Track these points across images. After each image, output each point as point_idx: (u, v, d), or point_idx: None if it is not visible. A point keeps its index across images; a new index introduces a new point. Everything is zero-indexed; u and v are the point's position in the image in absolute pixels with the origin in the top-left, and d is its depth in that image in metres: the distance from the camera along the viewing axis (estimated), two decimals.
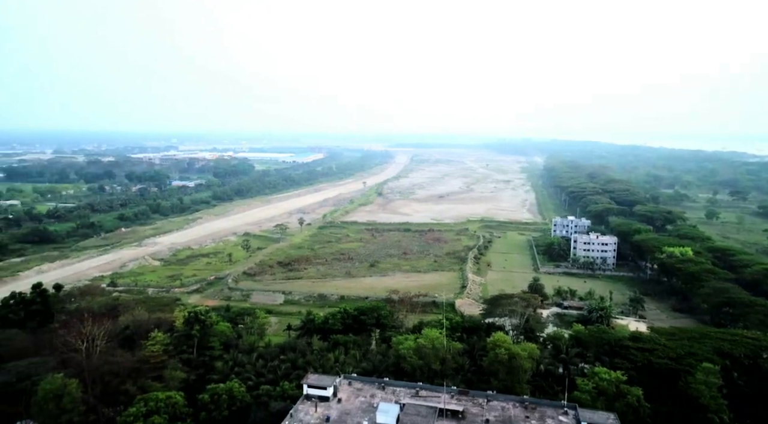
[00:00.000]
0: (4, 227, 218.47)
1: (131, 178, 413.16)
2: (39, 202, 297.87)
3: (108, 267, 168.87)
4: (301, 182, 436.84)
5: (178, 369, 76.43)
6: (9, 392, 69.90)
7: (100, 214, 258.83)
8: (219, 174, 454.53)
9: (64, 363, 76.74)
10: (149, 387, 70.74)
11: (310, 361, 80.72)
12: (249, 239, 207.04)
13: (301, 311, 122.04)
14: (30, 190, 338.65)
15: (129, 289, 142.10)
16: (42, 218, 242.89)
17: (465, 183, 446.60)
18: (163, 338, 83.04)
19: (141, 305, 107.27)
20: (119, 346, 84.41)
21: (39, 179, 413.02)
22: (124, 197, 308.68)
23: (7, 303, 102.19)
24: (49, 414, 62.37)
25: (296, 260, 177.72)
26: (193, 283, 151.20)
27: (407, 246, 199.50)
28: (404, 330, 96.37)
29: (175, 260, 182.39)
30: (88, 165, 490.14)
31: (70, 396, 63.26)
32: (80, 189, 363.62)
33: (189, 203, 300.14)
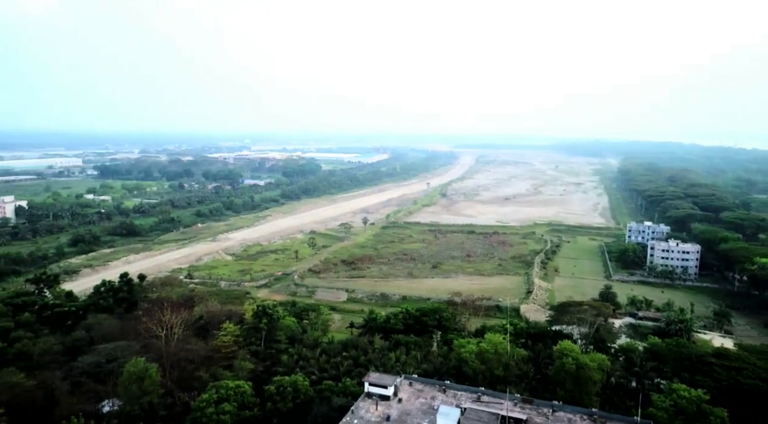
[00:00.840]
0: (97, 221, 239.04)
1: (207, 176, 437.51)
2: (127, 198, 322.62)
3: (185, 260, 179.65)
4: (365, 182, 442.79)
5: (247, 360, 79.94)
6: (99, 372, 76.20)
7: (179, 210, 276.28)
8: (288, 173, 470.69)
9: (146, 348, 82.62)
10: (220, 375, 74.51)
11: (371, 359, 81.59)
12: (315, 236, 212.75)
13: (364, 309, 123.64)
14: (119, 186, 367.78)
15: (204, 281, 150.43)
16: (129, 212, 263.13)
17: (532, 185, 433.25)
18: (233, 330, 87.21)
19: (214, 297, 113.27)
20: (194, 335, 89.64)
21: (127, 177, 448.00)
22: (200, 195, 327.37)
23: (99, 290, 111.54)
24: (132, 395, 67.28)
25: (359, 258, 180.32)
26: (261, 278, 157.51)
27: (471, 248, 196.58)
28: (466, 333, 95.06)
29: (245, 255, 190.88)
30: (170, 164, 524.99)
31: (151, 379, 67.91)
32: (162, 186, 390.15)
33: (259, 201, 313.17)
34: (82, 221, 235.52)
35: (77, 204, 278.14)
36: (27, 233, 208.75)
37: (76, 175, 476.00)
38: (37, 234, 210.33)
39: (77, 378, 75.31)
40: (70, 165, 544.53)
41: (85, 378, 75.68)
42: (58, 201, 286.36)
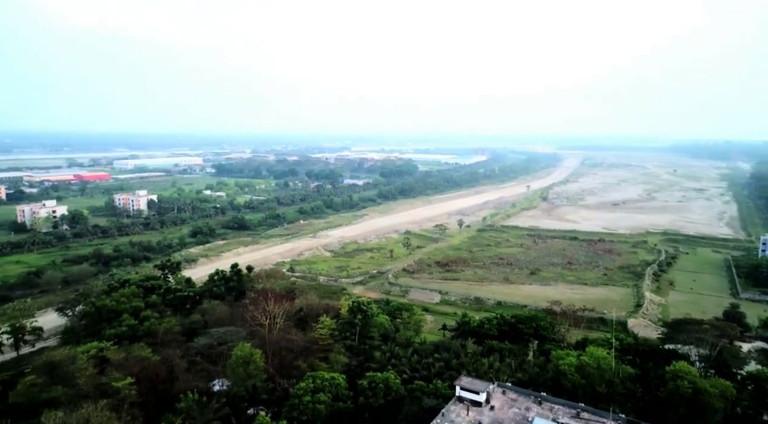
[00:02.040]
0: (213, 215, 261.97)
1: (310, 175, 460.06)
2: (239, 195, 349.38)
3: (288, 254, 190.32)
4: (462, 184, 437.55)
5: (342, 354, 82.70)
6: (211, 353, 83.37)
7: (284, 207, 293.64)
8: (385, 174, 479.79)
9: (251, 335, 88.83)
10: (317, 366, 77.88)
11: (463, 363, 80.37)
12: (410, 237, 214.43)
13: (457, 312, 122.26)
14: (233, 184, 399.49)
15: (304, 275, 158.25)
16: (240, 208, 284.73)
17: (645, 190, 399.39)
18: (330, 323, 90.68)
19: (313, 291, 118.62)
20: (294, 325, 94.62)
21: (240, 175, 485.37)
22: (303, 193, 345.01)
23: (213, 278, 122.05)
24: (239, 377, 72.69)
25: (454, 261, 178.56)
26: (357, 275, 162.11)
27: (573, 255, 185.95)
28: (565, 345, 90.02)
29: (343, 252, 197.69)
30: (277, 164, 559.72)
31: (255, 364, 72.86)
32: (270, 184, 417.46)
33: (357, 200, 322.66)
34: (200, 215, 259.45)
35: (197, 199, 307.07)
36: (156, 224, 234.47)
37: (197, 173, 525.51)
38: (164, 225, 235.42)
39: (193, 357, 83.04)
40: (193, 163, 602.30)
41: (199, 358, 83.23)
42: (181, 196, 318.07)
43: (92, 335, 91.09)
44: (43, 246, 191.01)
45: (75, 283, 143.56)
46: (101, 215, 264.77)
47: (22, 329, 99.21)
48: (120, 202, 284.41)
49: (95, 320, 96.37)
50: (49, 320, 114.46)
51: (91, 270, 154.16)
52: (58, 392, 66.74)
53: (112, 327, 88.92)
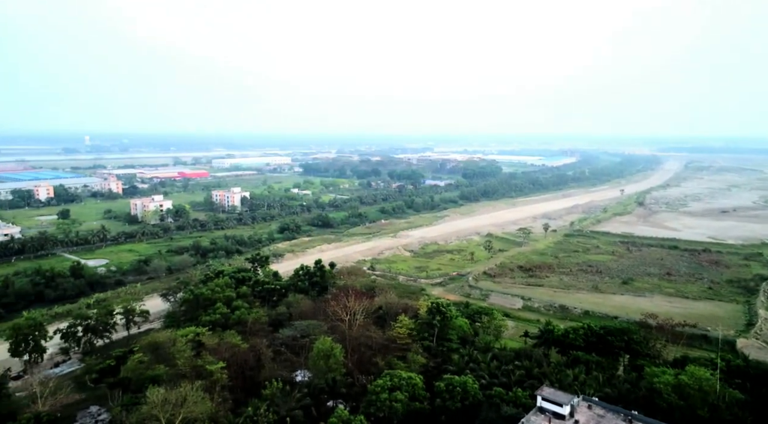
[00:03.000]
0: (299, 212, 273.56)
1: (392, 176, 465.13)
2: (323, 193, 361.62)
3: (369, 253, 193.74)
4: (548, 186, 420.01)
5: (420, 354, 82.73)
6: (295, 345, 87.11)
7: (366, 206, 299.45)
8: (467, 175, 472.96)
9: (332, 329, 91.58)
10: (395, 365, 78.56)
11: (546, 373, 77.14)
12: (491, 239, 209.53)
13: (540, 319, 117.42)
14: (318, 182, 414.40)
15: (384, 274, 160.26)
16: (325, 206, 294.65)
17: (761, 197, 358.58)
18: (408, 323, 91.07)
19: (392, 290, 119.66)
20: (373, 323, 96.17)
21: (325, 174, 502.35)
22: (385, 193, 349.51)
23: (298, 273, 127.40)
24: (320, 369, 75.26)
25: (538, 266, 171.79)
26: (437, 276, 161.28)
27: (672, 266, 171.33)
28: (661, 362, 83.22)
29: (423, 253, 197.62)
30: (360, 164, 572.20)
31: (335, 358, 75.04)
32: (353, 184, 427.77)
33: (438, 201, 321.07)
34: (288, 212, 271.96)
35: (285, 197, 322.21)
36: (248, 220, 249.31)
37: (285, 172, 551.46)
38: (255, 221, 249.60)
39: (278, 347, 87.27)
40: (282, 163, 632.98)
41: (284, 348, 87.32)
42: (271, 194, 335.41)
43: (190, 320, 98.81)
44: (151, 237, 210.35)
45: (177, 271, 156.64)
46: (200, 209, 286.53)
47: (133, 312, 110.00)
48: (217, 198, 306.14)
49: (193, 307, 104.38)
50: (155, 304, 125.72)
51: (191, 260, 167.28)
52: (161, 370, 73.18)
53: (207, 314, 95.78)
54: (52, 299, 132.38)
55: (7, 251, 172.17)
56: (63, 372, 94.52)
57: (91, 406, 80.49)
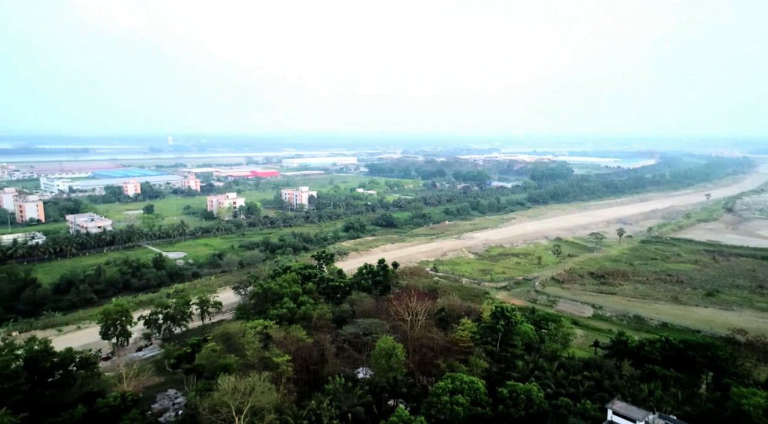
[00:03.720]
0: (364, 211, 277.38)
1: (457, 176, 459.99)
2: (388, 193, 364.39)
3: (432, 254, 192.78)
4: (624, 190, 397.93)
5: (482, 358, 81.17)
6: (357, 342, 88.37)
7: (430, 206, 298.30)
8: (536, 176, 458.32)
9: (394, 329, 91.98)
10: (456, 368, 77.61)
11: (617, 386, 73.08)
12: (560, 244, 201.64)
13: (612, 329, 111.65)
14: (383, 183, 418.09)
15: (447, 276, 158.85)
16: (389, 206, 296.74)
17: None
18: (471, 326, 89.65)
19: (455, 292, 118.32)
20: (435, 324, 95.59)
21: (390, 174, 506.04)
22: (450, 194, 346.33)
23: (362, 271, 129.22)
24: (381, 368, 75.83)
25: (611, 273, 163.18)
26: (501, 280, 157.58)
27: (766, 278, 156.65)
28: (751, 382, 76.26)
29: (487, 255, 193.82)
30: (425, 164, 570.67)
31: (397, 357, 75.29)
32: (418, 184, 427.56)
33: (505, 203, 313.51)
34: (353, 211, 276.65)
35: (351, 196, 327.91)
36: (315, 218, 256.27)
37: (351, 172, 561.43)
38: (321, 219, 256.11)
39: (341, 344, 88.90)
40: (348, 163, 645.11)
41: (347, 345, 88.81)
42: (337, 193, 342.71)
43: (259, 313, 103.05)
44: (225, 232, 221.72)
45: (248, 266, 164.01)
46: (270, 207, 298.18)
47: (207, 303, 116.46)
48: (286, 196, 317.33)
49: (262, 300, 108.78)
50: (227, 296, 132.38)
51: (260, 256, 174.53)
52: (232, 359, 76.87)
53: (275, 308, 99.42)
54: (137, 287, 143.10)
55: (100, 241, 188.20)
56: (145, 356, 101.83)
57: (169, 389, 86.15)
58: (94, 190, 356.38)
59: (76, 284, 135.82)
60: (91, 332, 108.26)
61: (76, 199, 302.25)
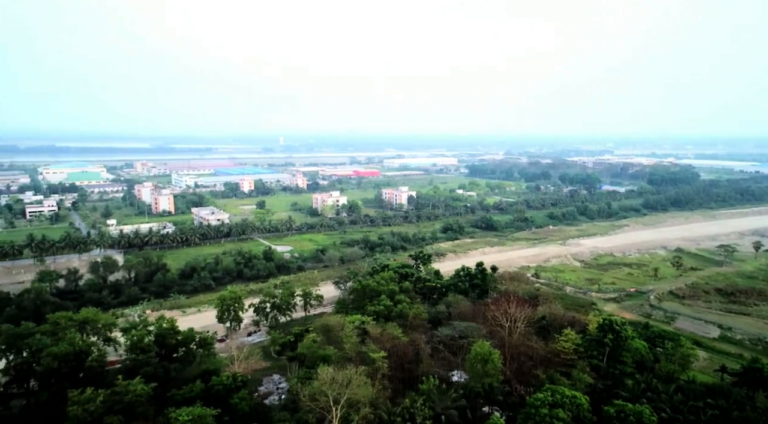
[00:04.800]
0: (463, 213, 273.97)
1: (564, 179, 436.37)
2: (488, 195, 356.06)
3: (533, 259, 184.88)
4: (763, 197, 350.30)
5: (586, 373, 76.26)
6: (452, 345, 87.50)
7: (532, 210, 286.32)
8: (654, 181, 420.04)
9: (491, 334, 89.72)
10: (557, 380, 73.72)
11: (749, 418, 64.63)
12: (681, 256, 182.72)
13: (743, 354, 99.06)
14: (483, 184, 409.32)
15: (549, 283, 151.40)
16: (489, 208, 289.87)
17: None
18: (575, 338, 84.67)
19: (558, 301, 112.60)
20: (535, 333, 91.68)
21: (491, 176, 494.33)
22: (555, 197, 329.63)
23: (459, 273, 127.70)
24: (476, 373, 74.32)
25: (743, 291, 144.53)
26: (611, 291, 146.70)
27: None
28: None
29: (595, 264, 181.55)
30: (529, 166, 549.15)
31: (493, 364, 73.30)
32: (520, 187, 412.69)
33: (617, 209, 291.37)
34: (452, 212, 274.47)
35: (450, 197, 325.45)
36: (413, 218, 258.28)
37: (451, 173, 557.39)
38: (420, 219, 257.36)
39: (436, 345, 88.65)
40: (448, 164, 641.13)
41: (442, 347, 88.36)
42: (436, 193, 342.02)
43: (357, 308, 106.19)
44: (327, 229, 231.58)
45: (348, 262, 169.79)
46: (371, 206, 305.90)
47: (310, 295, 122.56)
48: (386, 196, 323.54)
49: (360, 296, 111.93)
50: (328, 290, 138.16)
51: (360, 253, 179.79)
52: (331, 351, 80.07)
53: (373, 305, 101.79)
54: (249, 277, 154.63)
55: (219, 233, 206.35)
56: (254, 341, 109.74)
57: (274, 374, 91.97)
58: (215, 186, 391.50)
59: (198, 271, 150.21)
60: (209, 316, 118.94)
61: (200, 194, 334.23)
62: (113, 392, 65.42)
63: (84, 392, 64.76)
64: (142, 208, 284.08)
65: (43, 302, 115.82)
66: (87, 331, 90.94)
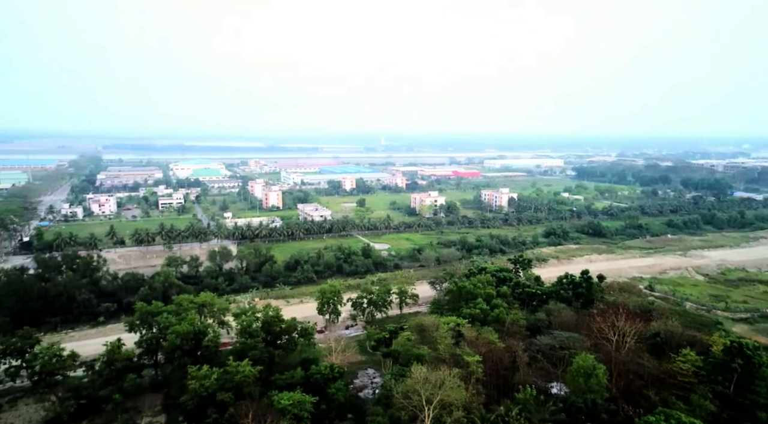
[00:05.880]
0: (568, 217, 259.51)
1: (686, 184, 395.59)
2: (597, 200, 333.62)
3: (647, 270, 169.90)
4: None
5: (709, 399, 68.50)
6: (552, 355, 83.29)
7: (648, 217, 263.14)
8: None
9: (595, 347, 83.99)
10: (672, 404, 67.21)
11: None
12: None
13: None
14: (592, 188, 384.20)
15: (665, 297, 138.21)
16: (597, 213, 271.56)
17: None
18: (695, 359, 76.47)
19: (675, 317, 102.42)
20: (647, 350, 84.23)
21: (601, 179, 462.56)
22: (675, 203, 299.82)
23: (561, 281, 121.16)
24: (578, 387, 70.07)
25: None
26: (741, 310, 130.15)
27: None
28: None
29: (722, 279, 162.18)
30: (646, 169, 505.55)
31: (597, 379, 68.61)
32: (634, 191, 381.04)
33: (751, 219, 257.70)
34: (555, 216, 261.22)
35: (554, 200, 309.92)
36: (513, 221, 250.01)
37: (556, 175, 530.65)
38: (521, 222, 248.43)
39: (534, 354, 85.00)
40: (553, 165, 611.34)
41: (540, 356, 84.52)
42: (539, 196, 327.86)
43: (452, 310, 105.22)
44: (425, 228, 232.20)
45: (444, 263, 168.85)
46: (469, 207, 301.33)
47: (405, 293, 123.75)
48: (485, 197, 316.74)
49: (456, 298, 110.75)
50: (423, 289, 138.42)
51: (457, 254, 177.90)
52: (424, 351, 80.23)
53: (468, 307, 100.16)
54: (347, 272, 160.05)
55: (321, 229, 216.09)
56: (351, 335, 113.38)
57: (368, 368, 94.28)
58: (319, 183, 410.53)
59: (301, 264, 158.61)
60: (310, 307, 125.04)
61: (305, 191, 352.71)
62: (225, 371, 71.30)
63: (201, 369, 71.38)
64: (254, 203, 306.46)
65: (170, 284, 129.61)
66: (204, 313, 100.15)
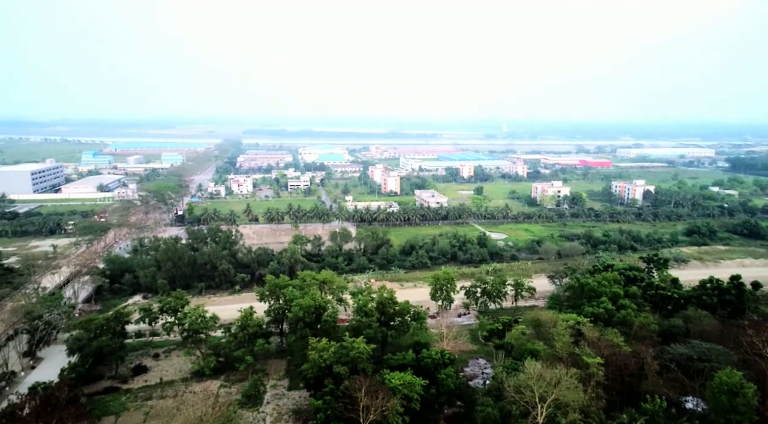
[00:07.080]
0: (717, 215, 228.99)
1: None
2: (756, 196, 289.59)
3: None
4: None
5: None
6: (688, 367, 74.72)
7: None
8: None
9: (744, 363, 73.66)
10: None
11: None
12: None
13: None
14: (750, 182, 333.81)
15: None
16: (755, 211, 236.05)
17: None
18: None
19: None
20: None
21: (761, 172, 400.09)
22: None
23: (705, 285, 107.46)
24: (720, 406, 62.14)
25: None
26: None
27: None
28: None
29: None
30: None
31: (745, 399, 60.23)
32: None
33: None
34: (700, 213, 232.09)
35: (699, 195, 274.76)
36: (648, 216, 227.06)
37: (705, 166, 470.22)
38: (657, 218, 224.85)
39: (667, 363, 77.00)
40: (702, 155, 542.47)
41: (674, 366, 76.35)
42: (682, 190, 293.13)
43: (572, 307, 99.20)
44: (545, 220, 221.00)
45: (565, 257, 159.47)
46: (597, 199, 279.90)
47: (521, 286, 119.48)
48: (616, 189, 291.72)
49: (577, 295, 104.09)
50: (540, 283, 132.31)
51: (580, 248, 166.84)
52: (540, 347, 76.99)
53: (591, 306, 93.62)
54: (462, 260, 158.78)
55: (437, 215, 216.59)
56: (462, 323, 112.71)
57: (479, 358, 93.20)
58: (437, 170, 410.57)
59: (416, 249, 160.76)
60: (423, 292, 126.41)
61: (423, 177, 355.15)
62: (342, 346, 75.27)
63: (320, 341, 76.23)
64: (374, 188, 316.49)
65: (295, 260, 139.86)
66: (324, 290, 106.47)
